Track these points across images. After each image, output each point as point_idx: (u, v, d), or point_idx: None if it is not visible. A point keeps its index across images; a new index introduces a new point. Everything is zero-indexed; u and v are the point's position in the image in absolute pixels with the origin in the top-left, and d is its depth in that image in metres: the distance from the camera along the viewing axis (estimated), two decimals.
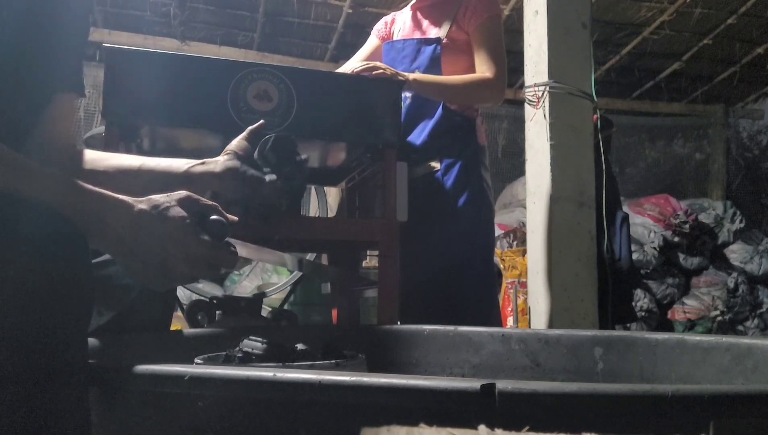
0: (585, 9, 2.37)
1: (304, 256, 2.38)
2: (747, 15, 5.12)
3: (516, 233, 4.61)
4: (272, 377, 0.64)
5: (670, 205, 5.35)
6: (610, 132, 3.61)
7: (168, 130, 1.71)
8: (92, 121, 4.71)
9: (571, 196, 2.27)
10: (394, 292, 1.76)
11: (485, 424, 0.55)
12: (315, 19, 5.10)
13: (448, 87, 2.06)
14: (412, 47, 2.17)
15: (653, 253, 5.08)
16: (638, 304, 4.86)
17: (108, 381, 0.76)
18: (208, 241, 0.86)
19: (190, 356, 1.05)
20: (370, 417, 0.60)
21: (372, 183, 2.05)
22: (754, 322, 5.16)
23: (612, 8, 5.00)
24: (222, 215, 0.91)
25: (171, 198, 0.86)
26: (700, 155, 6.94)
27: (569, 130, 2.29)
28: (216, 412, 0.69)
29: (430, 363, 1.32)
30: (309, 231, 1.80)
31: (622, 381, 1.16)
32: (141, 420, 0.75)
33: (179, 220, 0.84)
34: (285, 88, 1.66)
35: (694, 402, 0.54)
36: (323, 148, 1.90)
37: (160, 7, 4.83)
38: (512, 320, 4.17)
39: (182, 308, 2.28)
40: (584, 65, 2.36)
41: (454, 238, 2.07)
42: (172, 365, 0.70)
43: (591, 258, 2.30)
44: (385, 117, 1.78)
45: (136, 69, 1.60)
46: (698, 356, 1.09)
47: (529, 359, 1.25)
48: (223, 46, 5.25)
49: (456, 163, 2.11)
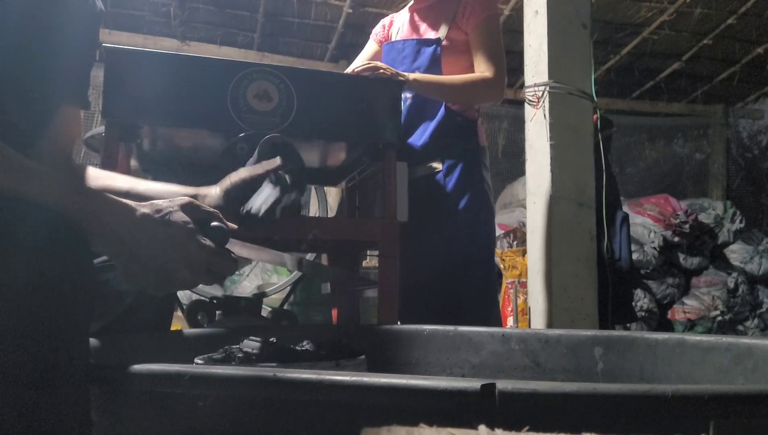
0: (585, 9, 2.37)
1: (304, 256, 2.38)
2: (747, 15, 5.12)
3: (516, 233, 4.61)
4: (272, 377, 0.64)
5: (670, 205, 5.36)
6: (610, 132, 3.61)
7: (168, 130, 1.71)
8: (92, 121, 4.71)
9: (571, 196, 2.27)
10: (394, 292, 1.76)
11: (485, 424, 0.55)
12: (315, 19, 5.10)
13: (447, 87, 2.06)
14: (412, 48, 2.17)
15: (653, 253, 5.09)
16: (638, 304, 4.86)
17: (108, 381, 0.76)
18: (210, 246, 0.87)
19: (190, 356, 1.05)
20: (370, 417, 0.60)
21: (372, 183, 2.05)
22: (754, 322, 5.16)
23: (612, 8, 5.00)
24: (222, 222, 0.91)
25: (173, 203, 0.87)
26: (700, 155, 6.94)
27: (569, 130, 2.29)
28: (216, 412, 0.69)
29: (430, 363, 1.32)
30: (309, 231, 1.80)
31: (622, 381, 1.16)
32: (141, 420, 0.75)
33: (181, 224, 0.85)
34: (285, 88, 1.66)
35: (694, 402, 0.54)
36: (323, 148, 1.90)
37: (160, 7, 4.84)
38: (512, 320, 4.17)
39: (182, 308, 2.29)
40: (584, 65, 2.36)
41: (455, 239, 2.07)
42: (172, 365, 0.70)
43: (591, 258, 2.30)
44: (385, 117, 1.78)
45: (136, 69, 1.60)
46: (698, 356, 1.09)
47: (529, 359, 1.25)
48: (223, 46, 5.25)
49: (458, 164, 2.11)
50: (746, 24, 5.26)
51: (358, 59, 2.34)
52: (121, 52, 1.62)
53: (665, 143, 6.93)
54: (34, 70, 0.95)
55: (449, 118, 2.12)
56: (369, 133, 1.78)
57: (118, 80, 1.57)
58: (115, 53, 1.58)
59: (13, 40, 0.90)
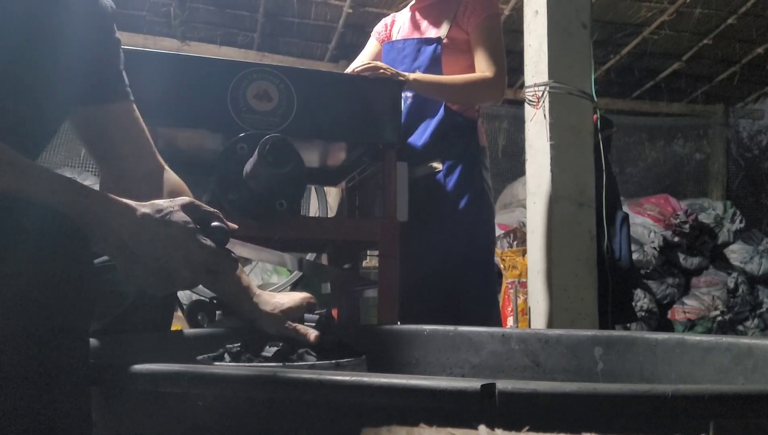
0: (585, 9, 2.37)
1: (304, 256, 2.38)
2: (747, 15, 5.12)
3: (516, 233, 4.61)
4: (272, 377, 0.64)
5: (670, 205, 5.36)
6: (610, 132, 3.61)
7: (168, 130, 1.71)
8: None
9: (571, 196, 2.27)
10: (394, 292, 1.76)
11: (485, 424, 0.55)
12: (315, 19, 5.10)
13: (448, 86, 2.06)
14: (413, 47, 2.17)
15: (653, 253, 5.09)
16: (638, 304, 4.86)
17: (108, 381, 0.76)
18: (211, 246, 0.87)
19: (190, 356, 1.05)
20: (371, 417, 0.60)
21: (372, 183, 2.05)
22: (754, 322, 5.16)
23: (612, 8, 5.00)
24: (223, 222, 0.91)
25: (174, 203, 0.87)
26: (700, 155, 6.94)
27: (569, 130, 2.29)
28: (216, 412, 0.69)
29: (430, 363, 1.31)
30: (309, 231, 1.80)
31: (622, 381, 1.15)
32: (141, 420, 0.75)
33: (182, 224, 0.85)
34: (285, 88, 1.66)
35: (694, 402, 0.54)
36: (323, 148, 1.90)
37: (160, 7, 4.84)
38: (512, 320, 4.17)
39: (182, 308, 2.28)
40: (584, 65, 2.36)
41: (455, 239, 2.07)
42: (172, 365, 0.70)
43: (591, 258, 2.30)
44: (385, 117, 1.78)
45: (135, 69, 1.60)
46: (698, 356, 1.09)
47: (529, 359, 1.25)
48: (223, 46, 5.25)
49: (458, 164, 2.11)
50: (746, 24, 5.26)
51: (359, 58, 2.34)
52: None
53: (665, 143, 6.93)
54: (38, 74, 0.95)
55: (449, 118, 2.12)
56: (369, 133, 1.78)
57: None
58: None
59: (13, 47, 0.90)
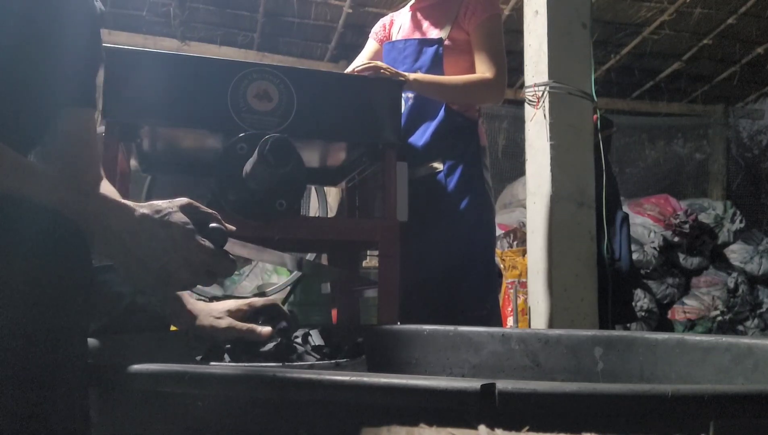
0: (585, 9, 2.38)
1: (304, 256, 2.38)
2: (747, 15, 5.12)
3: (516, 233, 4.61)
4: (272, 377, 0.64)
5: (670, 205, 5.35)
6: (610, 132, 3.61)
7: (168, 130, 1.71)
8: None
9: (571, 196, 2.27)
10: (394, 292, 1.76)
11: (485, 424, 0.55)
12: (315, 19, 5.10)
13: (448, 87, 2.06)
14: (414, 47, 2.17)
15: (653, 253, 5.08)
16: (638, 304, 4.86)
17: (108, 381, 0.76)
18: (209, 247, 0.87)
19: (190, 356, 1.05)
20: (370, 417, 0.60)
21: (372, 183, 2.05)
22: (754, 322, 5.16)
23: (612, 8, 5.00)
24: (221, 223, 0.91)
25: (173, 204, 0.87)
26: (700, 155, 6.94)
27: (569, 130, 2.29)
28: (216, 412, 0.69)
29: (430, 363, 1.31)
30: (309, 231, 1.80)
31: (622, 381, 1.15)
32: (141, 420, 0.75)
33: (181, 225, 0.85)
34: (285, 88, 1.66)
35: (694, 402, 0.54)
36: (323, 148, 1.90)
37: (160, 7, 4.83)
38: (512, 320, 4.17)
39: None
40: (584, 65, 2.36)
41: (456, 239, 2.07)
42: (172, 365, 0.70)
43: (591, 258, 2.30)
44: (385, 117, 1.78)
45: (135, 69, 1.60)
46: (698, 356, 1.09)
47: (529, 359, 1.25)
48: (223, 46, 5.25)
49: (459, 164, 2.11)
50: (746, 24, 5.26)
51: (358, 58, 2.33)
52: (121, 52, 1.62)
53: (665, 143, 6.93)
54: (34, 72, 0.95)
55: (450, 119, 2.12)
56: (369, 133, 1.78)
57: (118, 80, 1.56)
58: (115, 53, 1.58)
59: (10, 41, 0.90)
